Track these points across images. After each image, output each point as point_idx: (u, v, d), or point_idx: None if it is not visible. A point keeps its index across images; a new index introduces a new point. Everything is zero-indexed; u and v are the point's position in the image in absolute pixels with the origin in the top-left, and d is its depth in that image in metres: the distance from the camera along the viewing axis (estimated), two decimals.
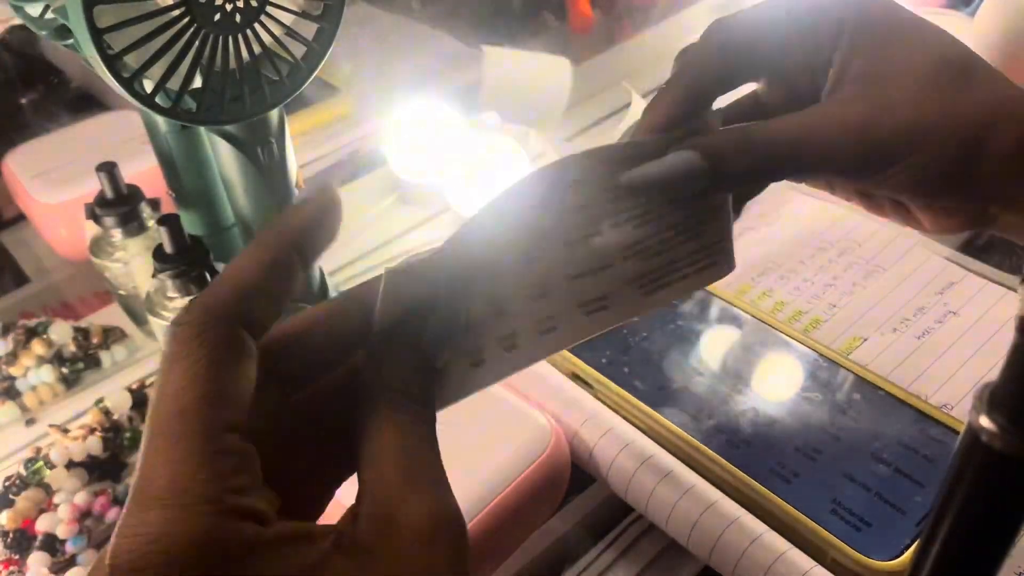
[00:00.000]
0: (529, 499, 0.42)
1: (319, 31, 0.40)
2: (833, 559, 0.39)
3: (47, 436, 0.49)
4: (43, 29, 0.40)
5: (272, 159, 0.43)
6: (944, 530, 0.20)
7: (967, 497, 0.19)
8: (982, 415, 0.18)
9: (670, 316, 0.51)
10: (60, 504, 0.44)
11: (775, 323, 0.50)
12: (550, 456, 0.42)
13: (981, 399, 0.18)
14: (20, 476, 0.45)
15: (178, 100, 0.37)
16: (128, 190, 0.49)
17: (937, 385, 0.49)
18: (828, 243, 0.59)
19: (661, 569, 0.43)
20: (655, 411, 0.45)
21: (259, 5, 0.37)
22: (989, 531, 0.20)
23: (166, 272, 0.44)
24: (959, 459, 0.19)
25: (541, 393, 0.46)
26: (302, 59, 0.40)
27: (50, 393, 0.52)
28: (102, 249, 0.51)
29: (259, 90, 0.39)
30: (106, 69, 0.35)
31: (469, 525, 0.39)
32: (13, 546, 0.43)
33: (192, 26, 0.35)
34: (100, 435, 0.47)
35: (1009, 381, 0.18)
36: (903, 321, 0.53)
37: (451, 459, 0.41)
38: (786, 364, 0.48)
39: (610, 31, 0.86)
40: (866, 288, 0.55)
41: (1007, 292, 0.54)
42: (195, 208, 0.50)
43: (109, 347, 0.54)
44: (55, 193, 0.59)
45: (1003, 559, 0.20)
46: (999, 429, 0.18)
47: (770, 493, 0.41)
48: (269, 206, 0.45)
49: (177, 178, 0.49)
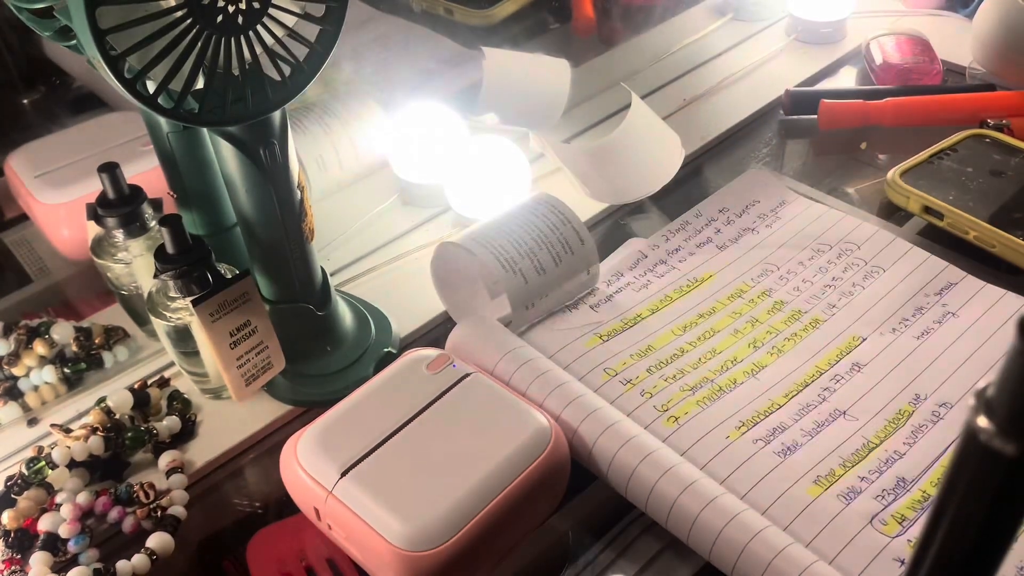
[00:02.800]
0: (529, 499, 0.42)
1: (321, 33, 0.40)
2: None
3: (49, 436, 0.49)
4: (46, 30, 0.40)
5: (274, 160, 0.43)
6: (942, 531, 0.20)
7: (965, 497, 0.19)
8: (980, 415, 0.18)
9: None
10: (62, 504, 0.44)
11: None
12: (550, 455, 0.42)
13: (979, 399, 0.18)
14: (22, 476, 0.45)
15: (180, 101, 0.37)
16: (130, 191, 0.49)
17: (936, 385, 0.49)
18: (827, 244, 0.59)
19: (661, 568, 0.43)
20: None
21: (261, 6, 0.37)
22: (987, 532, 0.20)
23: (168, 272, 0.44)
24: (957, 459, 0.19)
25: (541, 392, 0.46)
26: (304, 60, 0.40)
27: (52, 393, 0.52)
28: (104, 250, 0.51)
29: (261, 91, 0.39)
30: (109, 70, 0.35)
31: (469, 525, 0.39)
32: (15, 546, 0.43)
33: (195, 27, 0.35)
34: (102, 435, 0.47)
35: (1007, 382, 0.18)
36: (902, 321, 0.53)
37: (452, 459, 0.42)
38: None
39: (610, 33, 0.87)
40: (865, 289, 0.55)
41: (1006, 293, 0.54)
42: (197, 209, 0.50)
43: (111, 347, 0.54)
44: (57, 194, 0.59)
45: (1002, 559, 0.20)
46: (997, 429, 0.18)
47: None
48: (270, 206, 0.45)
49: (179, 179, 0.49)
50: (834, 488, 0.44)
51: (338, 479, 0.40)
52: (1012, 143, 0.65)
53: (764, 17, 0.86)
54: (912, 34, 0.77)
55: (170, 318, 0.46)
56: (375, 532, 0.39)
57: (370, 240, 0.63)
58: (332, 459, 0.41)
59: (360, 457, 0.41)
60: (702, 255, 0.59)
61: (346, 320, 0.53)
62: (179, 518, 0.45)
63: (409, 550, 0.38)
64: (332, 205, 0.66)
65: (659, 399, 0.49)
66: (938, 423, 0.47)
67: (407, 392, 0.45)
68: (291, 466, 0.42)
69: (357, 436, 0.42)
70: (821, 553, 0.41)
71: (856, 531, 0.42)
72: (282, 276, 0.48)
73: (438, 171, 0.63)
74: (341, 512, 0.40)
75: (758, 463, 0.45)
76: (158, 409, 0.51)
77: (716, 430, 0.47)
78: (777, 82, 0.75)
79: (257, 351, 0.47)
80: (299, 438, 0.43)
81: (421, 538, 0.38)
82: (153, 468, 0.48)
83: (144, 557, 0.42)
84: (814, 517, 0.43)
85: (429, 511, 0.39)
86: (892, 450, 0.46)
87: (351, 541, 0.41)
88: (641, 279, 0.57)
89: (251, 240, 0.47)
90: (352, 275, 0.60)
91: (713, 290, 0.56)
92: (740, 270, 0.58)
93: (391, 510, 0.39)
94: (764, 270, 0.58)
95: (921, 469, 0.45)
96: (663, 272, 0.58)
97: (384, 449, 0.42)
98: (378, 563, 0.39)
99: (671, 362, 0.51)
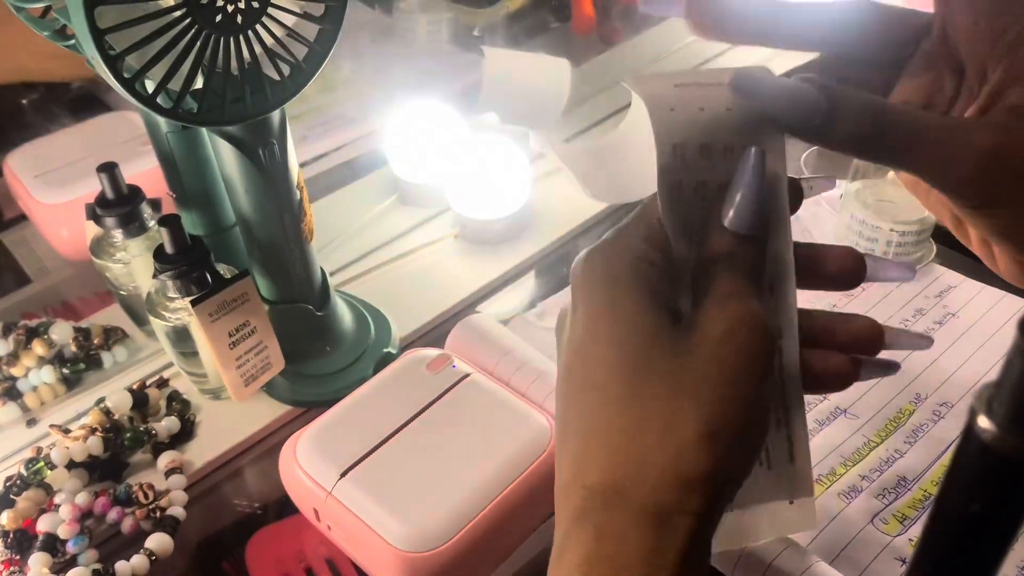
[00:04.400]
0: (529, 499, 0.42)
1: (321, 32, 0.40)
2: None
3: (48, 436, 0.49)
4: (44, 29, 0.40)
5: (273, 159, 0.43)
6: (943, 530, 0.20)
7: (966, 497, 0.19)
8: (981, 415, 0.18)
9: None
10: (61, 504, 0.44)
11: None
12: (550, 455, 0.42)
13: (980, 400, 0.18)
14: (21, 476, 0.45)
15: (179, 101, 0.37)
16: (129, 190, 0.49)
17: (936, 385, 0.49)
18: None
19: None
20: None
21: (261, 6, 0.37)
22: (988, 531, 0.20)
23: (167, 272, 0.44)
24: (958, 459, 0.19)
25: (541, 393, 0.46)
26: (303, 60, 0.40)
27: (51, 393, 0.52)
28: (103, 249, 0.51)
29: (260, 91, 0.39)
30: (107, 70, 0.35)
31: (469, 525, 0.39)
32: (14, 546, 0.43)
33: (194, 27, 0.35)
34: (101, 435, 0.47)
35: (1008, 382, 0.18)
36: (903, 322, 0.53)
37: (451, 460, 0.42)
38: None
39: (609, 32, 0.86)
40: (866, 290, 0.55)
41: (1005, 294, 0.54)
42: (196, 208, 0.50)
43: (110, 347, 0.54)
44: (56, 194, 0.59)
45: (1002, 559, 0.20)
46: (998, 429, 0.18)
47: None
48: (270, 206, 0.45)
49: (178, 178, 0.49)
50: (835, 487, 0.44)
51: (338, 480, 0.40)
52: None
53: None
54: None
55: (169, 318, 0.46)
56: (375, 533, 0.39)
57: (370, 240, 0.63)
58: (332, 460, 0.41)
59: (360, 458, 0.41)
60: None
61: (345, 320, 0.53)
62: (178, 519, 0.45)
63: (409, 551, 0.38)
64: (332, 205, 0.66)
65: None
66: (939, 422, 0.47)
67: (407, 392, 0.45)
68: (291, 467, 0.42)
69: (357, 437, 0.42)
70: (822, 552, 0.41)
71: (857, 530, 0.42)
72: (281, 276, 0.48)
73: (438, 171, 0.63)
74: (341, 513, 0.40)
75: None
76: (157, 409, 0.51)
77: None
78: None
79: (256, 351, 0.47)
80: (298, 439, 0.43)
81: (421, 539, 0.38)
82: (152, 469, 0.48)
83: (143, 558, 0.42)
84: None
85: (429, 512, 0.39)
86: (893, 449, 0.46)
87: (351, 542, 0.41)
88: None
89: (250, 240, 0.47)
90: (352, 275, 0.60)
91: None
92: None
93: (391, 511, 0.39)
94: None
95: (922, 468, 0.45)
96: None
97: (384, 450, 0.41)
98: (378, 564, 0.39)
99: None
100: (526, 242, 0.62)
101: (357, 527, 0.39)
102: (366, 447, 0.42)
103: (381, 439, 0.42)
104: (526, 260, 0.61)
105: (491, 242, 0.62)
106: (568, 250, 0.63)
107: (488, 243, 0.62)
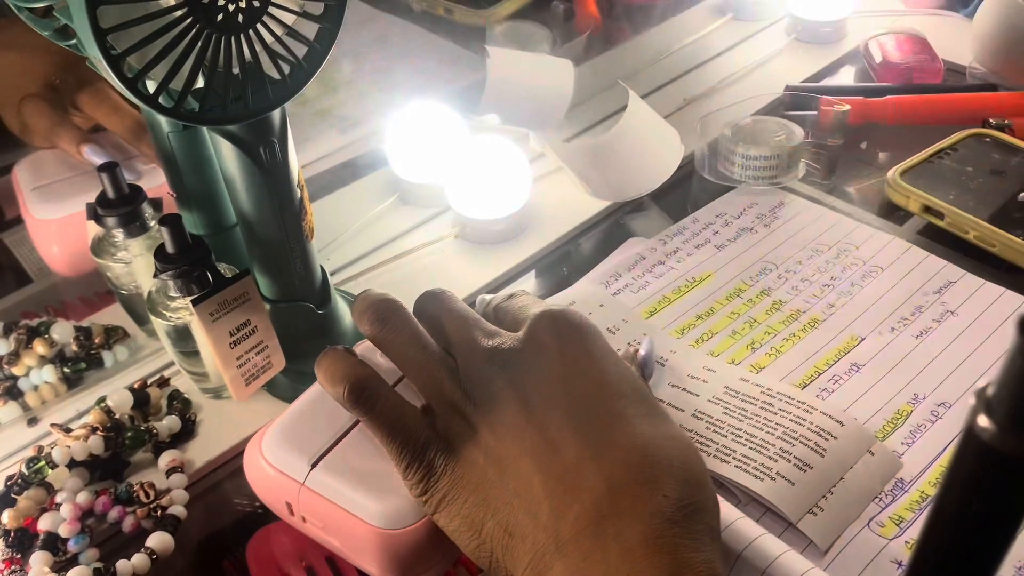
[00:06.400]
0: None
1: (320, 31, 0.40)
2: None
3: (49, 435, 0.49)
4: (45, 29, 0.40)
5: (274, 159, 0.43)
6: (942, 530, 0.20)
7: (964, 497, 0.19)
8: (981, 414, 0.18)
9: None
10: (62, 503, 0.44)
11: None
12: None
13: (980, 399, 0.18)
14: (22, 475, 0.45)
15: (181, 100, 0.37)
16: (130, 190, 0.49)
17: (934, 384, 0.49)
18: (825, 244, 0.59)
19: None
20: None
21: (261, 5, 0.37)
22: (987, 531, 0.20)
23: (168, 272, 0.44)
24: (957, 459, 0.19)
25: None
26: (304, 59, 0.40)
27: (52, 393, 0.52)
28: (104, 249, 0.51)
29: (261, 90, 0.39)
30: (109, 69, 0.35)
31: None
32: (15, 545, 0.43)
33: (195, 26, 0.35)
34: (102, 434, 0.47)
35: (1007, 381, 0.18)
36: (901, 321, 0.53)
37: None
38: None
39: (610, 32, 0.87)
40: (864, 288, 0.55)
41: (1004, 291, 0.54)
42: (197, 208, 0.50)
43: (111, 347, 0.54)
44: (49, 208, 0.58)
45: (1002, 559, 0.20)
46: (998, 429, 0.18)
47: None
48: (271, 206, 0.45)
49: (179, 178, 0.49)
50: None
51: (309, 470, 0.40)
52: (1012, 142, 0.65)
53: (764, 17, 0.86)
54: (911, 33, 0.77)
55: (170, 318, 0.46)
56: (353, 515, 0.38)
57: (370, 240, 0.63)
58: (300, 452, 0.41)
59: (328, 446, 0.41)
60: (700, 255, 0.59)
61: (346, 319, 0.53)
62: (179, 518, 0.45)
63: (388, 528, 0.38)
64: (333, 204, 0.66)
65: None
66: (937, 423, 0.47)
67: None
68: (257, 465, 0.41)
69: (322, 426, 0.42)
70: (817, 557, 0.41)
71: (853, 534, 0.42)
72: (282, 275, 0.48)
73: (438, 171, 0.63)
74: (316, 502, 0.40)
75: None
76: (158, 409, 0.51)
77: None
78: (777, 82, 0.75)
79: (257, 350, 0.47)
80: (262, 437, 0.42)
81: (399, 516, 0.38)
82: (153, 468, 0.48)
83: (144, 557, 0.42)
84: None
85: (403, 488, 0.39)
86: (890, 450, 0.46)
87: (328, 530, 0.40)
88: (639, 280, 0.57)
89: (251, 239, 0.47)
90: (352, 274, 0.60)
91: (711, 290, 0.56)
92: (738, 269, 0.58)
93: (366, 492, 0.39)
94: (763, 268, 0.58)
95: (919, 469, 0.45)
96: (661, 273, 0.58)
97: (351, 436, 0.41)
98: (359, 546, 0.39)
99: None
100: (526, 242, 0.62)
101: (334, 513, 0.39)
102: (333, 435, 0.41)
103: (347, 426, 0.41)
104: (526, 260, 0.61)
105: (491, 242, 0.62)
106: (568, 250, 0.63)
107: (488, 243, 0.62)
